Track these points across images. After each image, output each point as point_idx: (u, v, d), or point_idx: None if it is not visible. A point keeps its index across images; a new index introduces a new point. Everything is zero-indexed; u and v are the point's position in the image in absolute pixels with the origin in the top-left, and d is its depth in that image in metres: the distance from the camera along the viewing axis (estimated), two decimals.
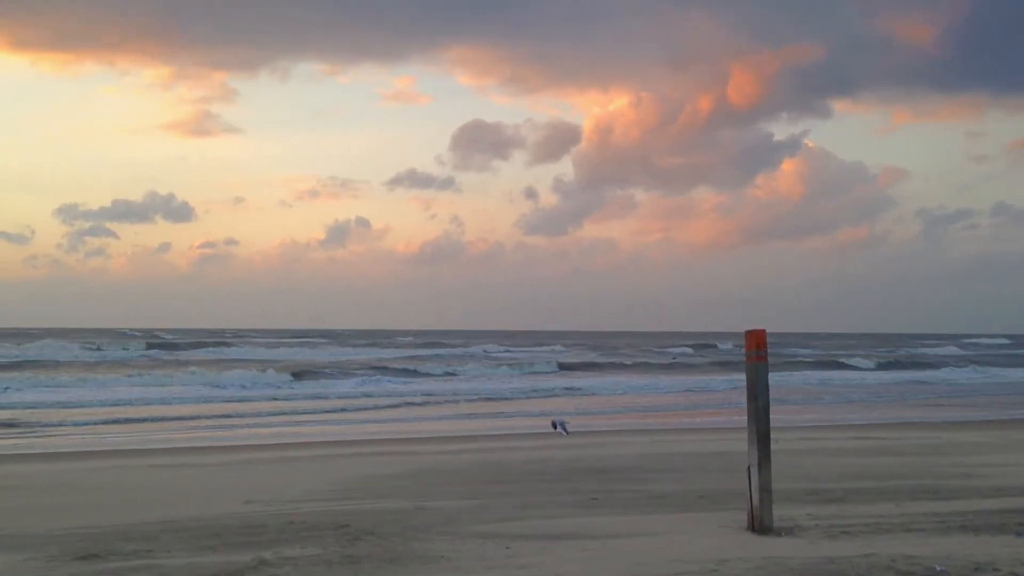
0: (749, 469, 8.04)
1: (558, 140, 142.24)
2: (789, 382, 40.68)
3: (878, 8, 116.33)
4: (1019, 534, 7.91)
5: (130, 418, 23.89)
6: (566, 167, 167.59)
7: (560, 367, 51.26)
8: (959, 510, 9.23)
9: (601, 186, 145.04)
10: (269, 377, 38.82)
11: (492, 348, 69.64)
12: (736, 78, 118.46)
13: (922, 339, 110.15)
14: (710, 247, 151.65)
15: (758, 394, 8.06)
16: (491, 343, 76.33)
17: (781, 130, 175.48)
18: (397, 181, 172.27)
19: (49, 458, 15.97)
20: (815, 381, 43.34)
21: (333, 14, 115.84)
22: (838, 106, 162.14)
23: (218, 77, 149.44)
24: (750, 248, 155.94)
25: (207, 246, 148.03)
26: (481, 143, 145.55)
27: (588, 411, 27.64)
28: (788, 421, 22.42)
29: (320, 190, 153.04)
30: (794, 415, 25.46)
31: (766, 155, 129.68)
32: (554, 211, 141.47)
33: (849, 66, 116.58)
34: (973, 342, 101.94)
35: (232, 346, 63.69)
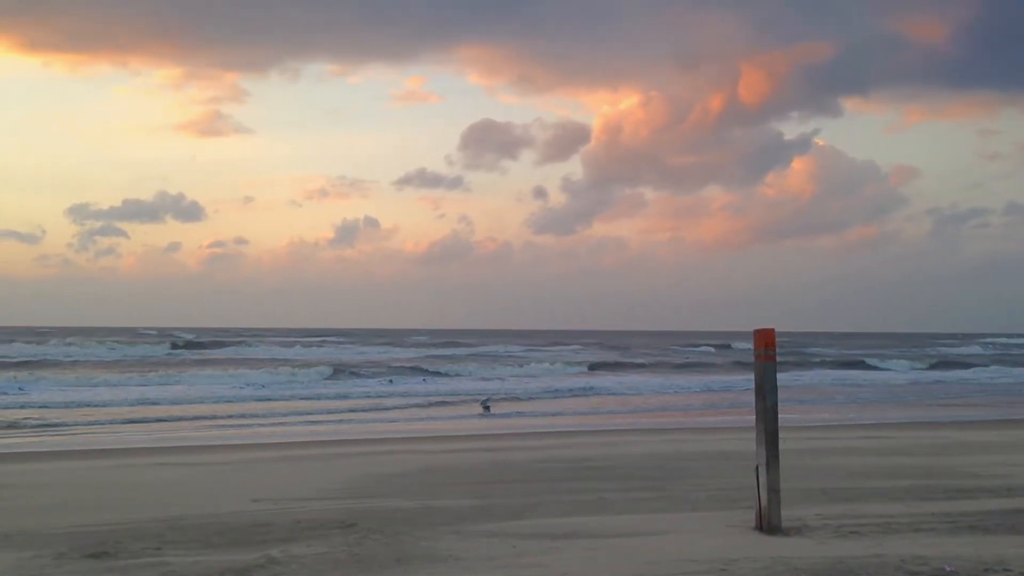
0: (757, 468, 8.01)
1: (567, 139, 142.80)
2: (824, 381, 41.04)
3: (890, 6, 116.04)
4: None
5: (147, 418, 23.92)
6: (575, 166, 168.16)
7: (590, 367, 51.33)
8: (969, 510, 9.17)
9: (610, 185, 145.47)
10: (306, 376, 39.40)
11: (513, 349, 69.04)
12: (746, 77, 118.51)
13: (938, 338, 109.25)
14: (720, 246, 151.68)
15: (766, 393, 8.03)
16: (507, 343, 75.97)
17: (791, 129, 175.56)
18: (406, 181, 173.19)
19: (57, 456, 16.03)
20: (858, 381, 43.41)
21: (343, 15, 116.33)
22: (849, 105, 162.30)
23: (229, 78, 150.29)
24: (760, 247, 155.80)
25: (216, 245, 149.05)
26: (490, 142, 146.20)
27: (642, 409, 27.94)
28: (821, 420, 22.36)
29: (329, 190, 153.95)
30: (836, 414, 25.55)
31: (776, 154, 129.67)
32: (563, 210, 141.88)
33: (860, 64, 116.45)
34: (991, 341, 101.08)
35: (251, 345, 63.93)
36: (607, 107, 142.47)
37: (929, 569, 6.60)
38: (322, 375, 40.34)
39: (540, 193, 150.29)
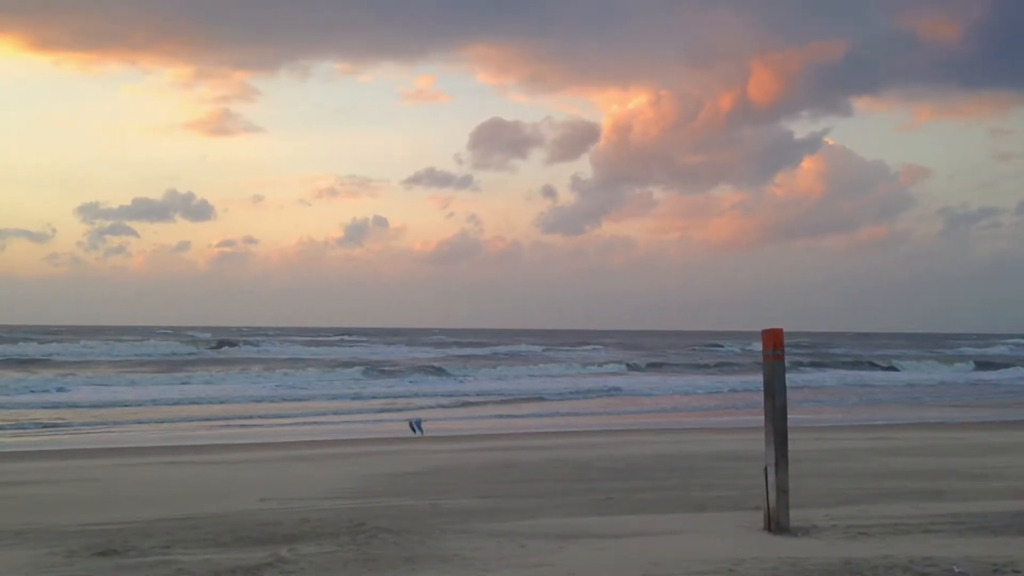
0: (766, 469, 8.00)
1: (577, 138, 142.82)
2: (860, 380, 41.66)
3: (900, 5, 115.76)
4: None
5: (166, 418, 24.04)
6: (584, 165, 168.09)
7: (628, 367, 51.57)
8: (978, 511, 9.13)
9: (620, 184, 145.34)
10: (340, 375, 39.99)
11: (535, 348, 68.44)
12: (756, 76, 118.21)
13: (954, 338, 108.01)
14: (729, 245, 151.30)
15: (775, 393, 8.03)
16: (528, 343, 75.16)
17: (802, 128, 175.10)
18: (415, 180, 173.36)
19: (67, 455, 16.12)
20: (900, 382, 43.62)
21: (353, 14, 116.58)
22: (859, 104, 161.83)
23: (239, 76, 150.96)
24: (769, 247, 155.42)
25: (226, 244, 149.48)
26: (499, 142, 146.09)
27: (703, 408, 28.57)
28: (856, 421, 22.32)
29: (339, 189, 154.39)
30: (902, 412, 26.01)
31: (786, 153, 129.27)
32: (572, 210, 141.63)
33: (871, 63, 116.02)
34: (1016, 342, 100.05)
35: (273, 344, 64.10)
36: (616, 106, 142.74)
37: (938, 570, 6.58)
38: (353, 375, 40.75)
39: (549, 192, 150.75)
